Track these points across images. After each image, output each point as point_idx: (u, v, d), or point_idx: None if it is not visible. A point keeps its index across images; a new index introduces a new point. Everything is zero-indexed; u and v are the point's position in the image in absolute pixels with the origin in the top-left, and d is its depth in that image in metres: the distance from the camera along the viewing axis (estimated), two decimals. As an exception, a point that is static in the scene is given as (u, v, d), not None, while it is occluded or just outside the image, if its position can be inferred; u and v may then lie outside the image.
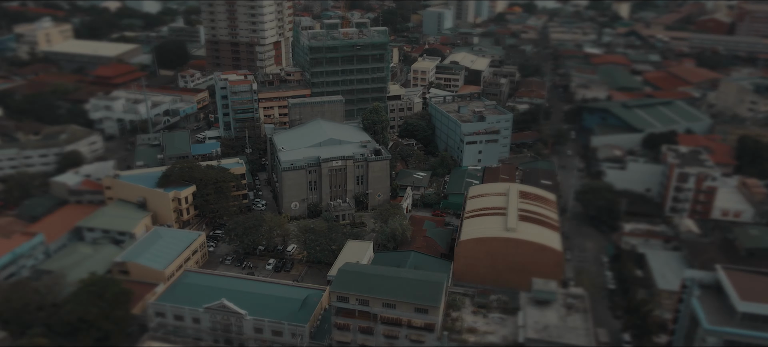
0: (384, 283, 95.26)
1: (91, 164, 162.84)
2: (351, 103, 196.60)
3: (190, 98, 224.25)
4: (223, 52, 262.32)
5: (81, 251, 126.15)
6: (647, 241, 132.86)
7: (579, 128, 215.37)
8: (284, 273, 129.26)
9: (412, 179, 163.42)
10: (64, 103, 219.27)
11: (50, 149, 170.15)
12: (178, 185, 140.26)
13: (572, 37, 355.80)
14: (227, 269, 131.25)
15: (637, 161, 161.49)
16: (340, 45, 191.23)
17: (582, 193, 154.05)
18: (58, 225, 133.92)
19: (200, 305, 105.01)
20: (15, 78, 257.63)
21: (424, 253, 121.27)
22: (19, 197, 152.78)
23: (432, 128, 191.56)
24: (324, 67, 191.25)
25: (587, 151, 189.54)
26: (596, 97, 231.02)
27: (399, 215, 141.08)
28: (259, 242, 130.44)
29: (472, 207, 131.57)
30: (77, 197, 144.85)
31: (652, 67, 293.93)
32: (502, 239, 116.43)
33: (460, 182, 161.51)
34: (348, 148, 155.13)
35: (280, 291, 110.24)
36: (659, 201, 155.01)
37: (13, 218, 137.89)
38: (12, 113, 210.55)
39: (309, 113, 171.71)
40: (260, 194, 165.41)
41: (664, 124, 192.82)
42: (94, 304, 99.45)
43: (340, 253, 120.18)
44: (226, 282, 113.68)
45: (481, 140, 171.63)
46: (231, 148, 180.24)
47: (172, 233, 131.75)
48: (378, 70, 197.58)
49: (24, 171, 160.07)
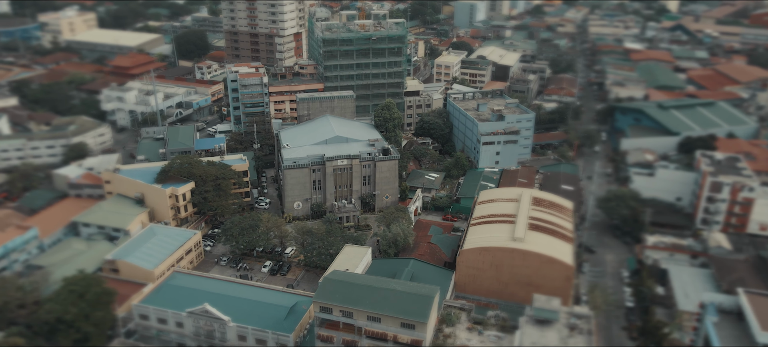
0: (370, 294, 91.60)
1: (95, 157, 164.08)
2: (366, 98, 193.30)
3: (204, 90, 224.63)
4: (242, 43, 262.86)
5: (74, 247, 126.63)
6: (672, 256, 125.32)
7: (611, 130, 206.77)
8: (280, 277, 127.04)
9: (423, 180, 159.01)
10: (80, 93, 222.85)
11: (57, 141, 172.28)
12: (178, 181, 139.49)
13: (612, 31, 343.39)
14: (222, 270, 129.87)
15: (667, 167, 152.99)
16: (356, 37, 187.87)
17: (605, 200, 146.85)
18: (55, 219, 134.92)
19: (185, 308, 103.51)
20: (36, 67, 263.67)
21: (424, 261, 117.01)
22: (22, 188, 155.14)
23: (449, 126, 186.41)
24: (338, 61, 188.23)
25: (616, 154, 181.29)
26: (632, 96, 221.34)
27: (405, 219, 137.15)
28: (255, 244, 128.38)
29: (480, 213, 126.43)
30: (77, 190, 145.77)
31: (698, 64, 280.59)
32: (507, 250, 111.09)
33: (474, 185, 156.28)
34: (355, 146, 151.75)
35: (268, 297, 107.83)
36: (690, 212, 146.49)
37: (11, 211, 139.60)
38: (28, 102, 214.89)
39: (318, 108, 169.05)
40: (266, 193, 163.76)
41: (704, 127, 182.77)
42: (75, 304, 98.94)
43: (336, 258, 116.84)
44: (215, 285, 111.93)
45: (498, 140, 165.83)
46: (240, 143, 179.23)
47: (167, 231, 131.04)
48: (395, 65, 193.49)
49: (29, 162, 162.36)
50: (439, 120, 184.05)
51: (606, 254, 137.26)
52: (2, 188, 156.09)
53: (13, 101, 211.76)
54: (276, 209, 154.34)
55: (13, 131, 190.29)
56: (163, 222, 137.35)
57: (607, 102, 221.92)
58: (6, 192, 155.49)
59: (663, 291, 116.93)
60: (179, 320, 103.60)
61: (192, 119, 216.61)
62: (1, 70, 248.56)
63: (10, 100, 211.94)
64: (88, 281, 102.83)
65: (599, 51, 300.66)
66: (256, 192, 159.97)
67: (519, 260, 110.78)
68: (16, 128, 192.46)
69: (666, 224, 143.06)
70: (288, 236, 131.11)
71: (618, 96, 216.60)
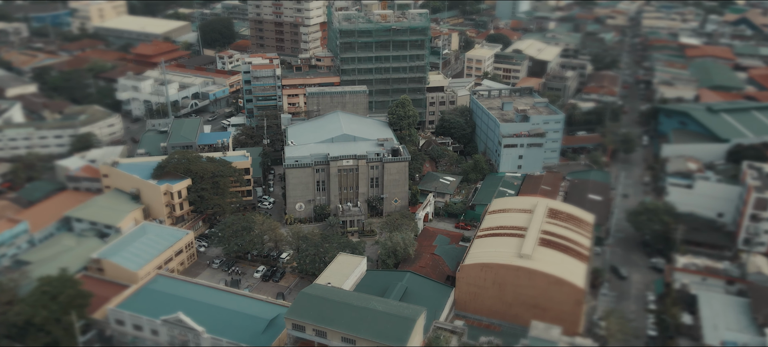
0: (348, 313, 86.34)
1: (99, 149, 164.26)
2: (385, 93, 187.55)
3: (222, 81, 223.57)
4: (267, 32, 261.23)
5: (63, 243, 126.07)
6: (704, 280, 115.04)
7: (653, 134, 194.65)
8: (272, 283, 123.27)
9: (437, 184, 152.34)
10: (99, 82, 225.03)
11: (65, 130, 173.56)
12: (175, 178, 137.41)
13: (668, 25, 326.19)
14: (213, 273, 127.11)
15: (708, 179, 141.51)
16: (375, 29, 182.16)
17: (635, 214, 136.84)
18: (50, 213, 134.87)
19: (162, 314, 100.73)
20: (61, 54, 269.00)
21: (421, 275, 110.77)
22: (25, 179, 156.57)
23: (472, 126, 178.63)
24: (356, 53, 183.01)
25: (656, 162, 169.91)
26: (681, 97, 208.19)
27: (410, 226, 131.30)
28: (246, 248, 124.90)
29: (488, 224, 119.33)
30: (75, 183, 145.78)
31: (762, 62, 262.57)
32: (511, 268, 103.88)
33: (492, 190, 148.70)
34: (362, 146, 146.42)
35: (250, 307, 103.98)
36: (732, 231, 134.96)
37: (7, 202, 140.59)
38: (47, 89, 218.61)
39: (328, 103, 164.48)
40: (271, 191, 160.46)
41: (758, 134, 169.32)
42: (46, 306, 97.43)
43: (328, 267, 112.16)
44: (196, 291, 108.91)
45: (522, 143, 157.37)
46: (250, 138, 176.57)
47: (159, 229, 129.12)
48: (417, 58, 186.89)
49: (34, 152, 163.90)
50: (461, 119, 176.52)
51: (632, 274, 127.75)
52: (6, 178, 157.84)
53: (32, 88, 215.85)
54: (280, 209, 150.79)
55: (28, 119, 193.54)
56: (157, 220, 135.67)
57: (652, 103, 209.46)
58: (9, 182, 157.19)
59: (690, 321, 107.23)
60: (154, 327, 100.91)
61: (208, 110, 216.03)
62: (26, 57, 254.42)
63: (30, 87, 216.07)
64: (62, 282, 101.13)
65: (650, 46, 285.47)
66: (261, 191, 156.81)
67: (524, 279, 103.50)
68: (31, 116, 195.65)
69: (703, 242, 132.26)
70: (283, 240, 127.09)
71: (663, 96, 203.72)
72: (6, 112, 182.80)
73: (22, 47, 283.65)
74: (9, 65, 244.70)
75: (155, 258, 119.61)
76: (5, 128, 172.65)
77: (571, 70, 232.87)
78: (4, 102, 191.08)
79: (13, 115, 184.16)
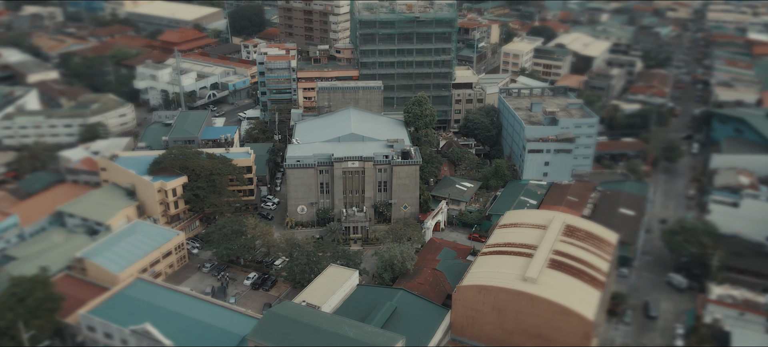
0: (315, 339, 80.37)
1: (106, 140, 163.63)
2: (407, 89, 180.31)
3: (243, 71, 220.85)
4: (296, 20, 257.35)
5: (52, 239, 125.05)
6: (742, 315, 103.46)
7: (705, 141, 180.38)
8: (262, 292, 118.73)
9: (452, 190, 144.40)
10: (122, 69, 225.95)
11: (75, 120, 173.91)
12: (171, 174, 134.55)
13: (736, 18, 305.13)
14: (203, 277, 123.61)
15: (757, 197, 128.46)
16: (398, 19, 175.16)
17: (671, 233, 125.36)
18: (44, 206, 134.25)
19: (134, 323, 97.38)
20: (90, 39, 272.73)
21: (415, 294, 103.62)
22: (31, 169, 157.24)
23: (498, 127, 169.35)
24: (376, 46, 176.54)
25: (703, 174, 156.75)
26: (740, 100, 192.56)
27: (415, 236, 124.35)
28: (237, 253, 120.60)
29: (496, 240, 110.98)
30: (74, 176, 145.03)
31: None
32: (512, 292, 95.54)
33: (512, 200, 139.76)
34: (371, 146, 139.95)
35: (226, 321, 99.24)
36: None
37: (5, 193, 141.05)
38: (70, 76, 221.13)
39: (340, 99, 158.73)
40: (278, 191, 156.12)
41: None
42: (13, 309, 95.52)
43: (315, 280, 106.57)
44: (174, 299, 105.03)
45: (548, 148, 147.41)
46: (263, 133, 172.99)
47: (149, 229, 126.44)
48: (443, 52, 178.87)
49: (40, 142, 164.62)
50: (486, 119, 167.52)
51: (661, 302, 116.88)
52: (11, 167, 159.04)
53: (53, 75, 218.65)
54: (284, 211, 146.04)
55: (45, 106, 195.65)
56: (151, 219, 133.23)
57: (707, 106, 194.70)
58: (15, 171, 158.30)
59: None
60: (124, 337, 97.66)
61: (227, 101, 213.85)
62: (55, 42, 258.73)
63: (51, 73, 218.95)
64: (33, 284, 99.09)
65: (713, 42, 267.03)
66: (266, 190, 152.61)
67: (526, 306, 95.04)
68: (49, 103, 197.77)
69: (747, 270, 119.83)
70: (276, 246, 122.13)
71: (717, 100, 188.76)
72: (21, 98, 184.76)
73: (56, 32, 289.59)
74: (37, 51, 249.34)
75: (140, 260, 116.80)
76: (16, 116, 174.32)
77: (618, 68, 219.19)
78: (21, 88, 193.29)
79: (28, 102, 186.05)
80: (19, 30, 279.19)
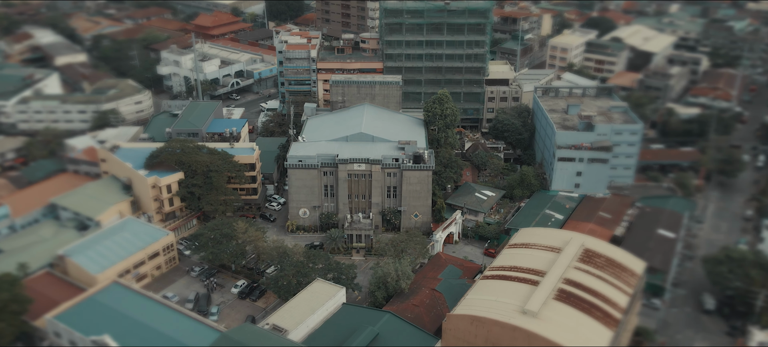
0: (267, 370, 73.83)
1: (115, 128, 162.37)
2: (436, 84, 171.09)
3: (271, 59, 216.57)
4: (333, 7, 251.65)
5: (41, 233, 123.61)
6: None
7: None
8: (249, 302, 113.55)
9: (469, 199, 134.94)
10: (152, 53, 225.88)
11: (89, 106, 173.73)
12: (168, 169, 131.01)
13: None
14: (190, 282, 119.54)
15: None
16: (427, 8, 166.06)
17: (714, 262, 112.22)
18: (39, 197, 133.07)
19: (97, 332, 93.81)
20: (126, 21, 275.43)
21: (402, 319, 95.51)
22: (40, 155, 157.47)
23: (531, 129, 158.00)
24: (403, 37, 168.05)
25: (764, 193, 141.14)
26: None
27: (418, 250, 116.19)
28: (224, 259, 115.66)
29: (501, 262, 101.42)
30: (75, 166, 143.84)
31: None
32: (507, 327, 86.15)
33: (536, 213, 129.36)
34: (380, 148, 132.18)
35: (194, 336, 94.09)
36: None
37: (6, 182, 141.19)
38: (98, 60, 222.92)
39: (355, 94, 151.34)
40: (285, 189, 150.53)
41: None
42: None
43: (297, 295, 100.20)
44: (146, 307, 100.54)
45: (581, 157, 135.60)
46: (279, 126, 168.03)
47: (139, 227, 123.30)
48: (475, 45, 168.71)
49: (51, 128, 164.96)
50: (517, 120, 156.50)
51: (695, 342, 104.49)
52: (21, 153, 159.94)
53: (81, 57, 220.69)
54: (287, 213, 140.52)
55: (68, 89, 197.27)
56: (145, 216, 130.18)
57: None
58: (24, 157, 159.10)
59: None
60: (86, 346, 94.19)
61: (252, 90, 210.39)
62: (90, 24, 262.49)
63: (79, 56, 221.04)
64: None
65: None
66: (272, 189, 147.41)
67: (522, 343, 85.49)
68: (73, 87, 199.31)
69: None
70: (266, 253, 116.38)
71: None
72: (40, 81, 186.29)
73: (96, 13, 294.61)
74: (73, 32, 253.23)
75: (123, 261, 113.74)
76: (32, 100, 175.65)
77: (680, 66, 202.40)
78: (43, 72, 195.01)
79: (48, 85, 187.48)
80: (61, 11, 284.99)
